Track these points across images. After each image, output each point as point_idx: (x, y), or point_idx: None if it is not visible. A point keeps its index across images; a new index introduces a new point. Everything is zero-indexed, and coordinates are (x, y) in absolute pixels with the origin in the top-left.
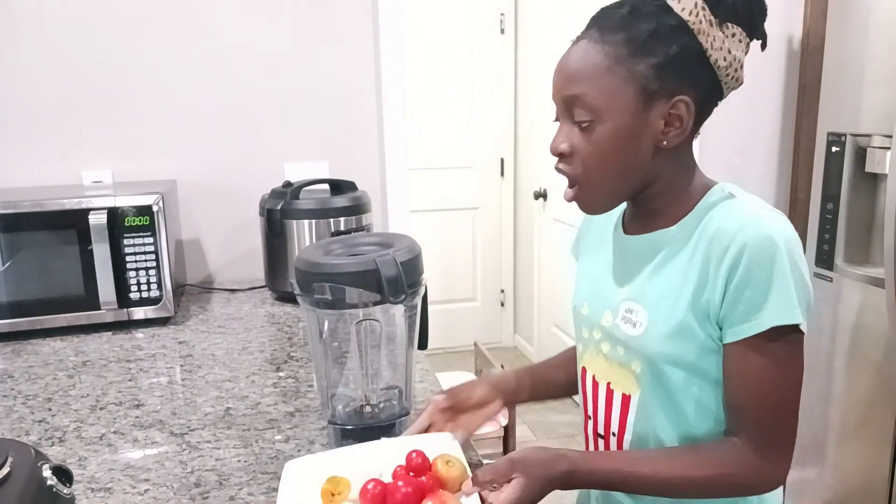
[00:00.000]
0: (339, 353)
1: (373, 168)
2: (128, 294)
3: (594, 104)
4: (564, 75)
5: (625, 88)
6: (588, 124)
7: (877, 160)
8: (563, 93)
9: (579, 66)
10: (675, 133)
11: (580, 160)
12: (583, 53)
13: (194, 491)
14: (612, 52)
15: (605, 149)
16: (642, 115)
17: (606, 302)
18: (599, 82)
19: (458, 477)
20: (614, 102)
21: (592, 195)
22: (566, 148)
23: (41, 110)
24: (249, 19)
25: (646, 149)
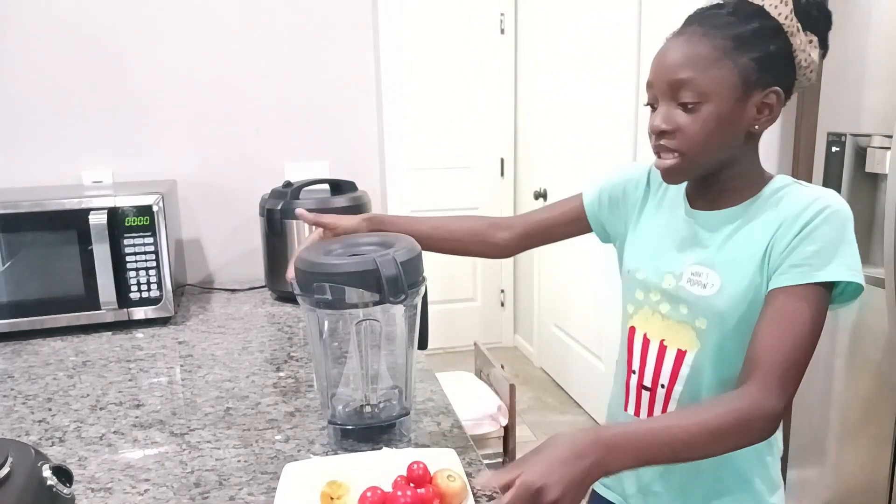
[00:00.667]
0: (339, 353)
1: (373, 168)
2: (128, 294)
3: (702, 87)
4: (673, 61)
5: (730, 77)
6: (694, 105)
7: (877, 160)
8: (672, 77)
9: (689, 54)
10: (766, 119)
11: (683, 136)
12: (691, 44)
13: (194, 491)
14: (720, 45)
15: (709, 127)
16: (742, 102)
17: (668, 267)
18: (708, 69)
19: (458, 492)
20: (720, 88)
21: (687, 167)
22: (667, 126)
23: (41, 110)
24: (250, 20)
25: (739, 132)
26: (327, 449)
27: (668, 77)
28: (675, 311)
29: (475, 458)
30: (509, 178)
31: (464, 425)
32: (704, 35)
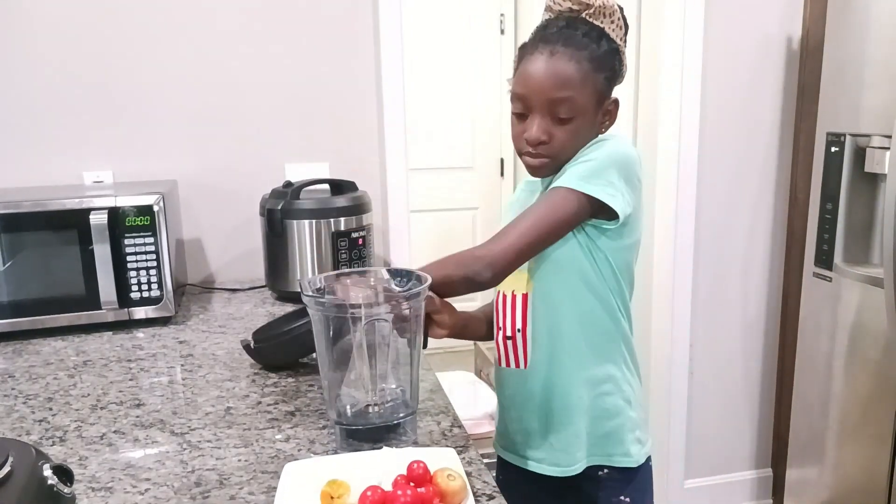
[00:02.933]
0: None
1: (373, 168)
2: (128, 294)
3: (577, 105)
4: (550, 81)
5: (593, 93)
6: (568, 119)
7: (876, 160)
8: (552, 95)
9: (564, 75)
10: (609, 123)
11: (557, 144)
12: (562, 64)
13: (195, 490)
14: (585, 67)
15: (578, 136)
16: (597, 112)
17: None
18: (581, 89)
19: (458, 491)
20: (588, 103)
21: (553, 166)
22: (546, 137)
23: (42, 110)
24: (250, 20)
25: (593, 134)
26: (328, 448)
27: (548, 95)
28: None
29: (475, 458)
30: (509, 178)
31: (464, 425)
32: (571, 57)
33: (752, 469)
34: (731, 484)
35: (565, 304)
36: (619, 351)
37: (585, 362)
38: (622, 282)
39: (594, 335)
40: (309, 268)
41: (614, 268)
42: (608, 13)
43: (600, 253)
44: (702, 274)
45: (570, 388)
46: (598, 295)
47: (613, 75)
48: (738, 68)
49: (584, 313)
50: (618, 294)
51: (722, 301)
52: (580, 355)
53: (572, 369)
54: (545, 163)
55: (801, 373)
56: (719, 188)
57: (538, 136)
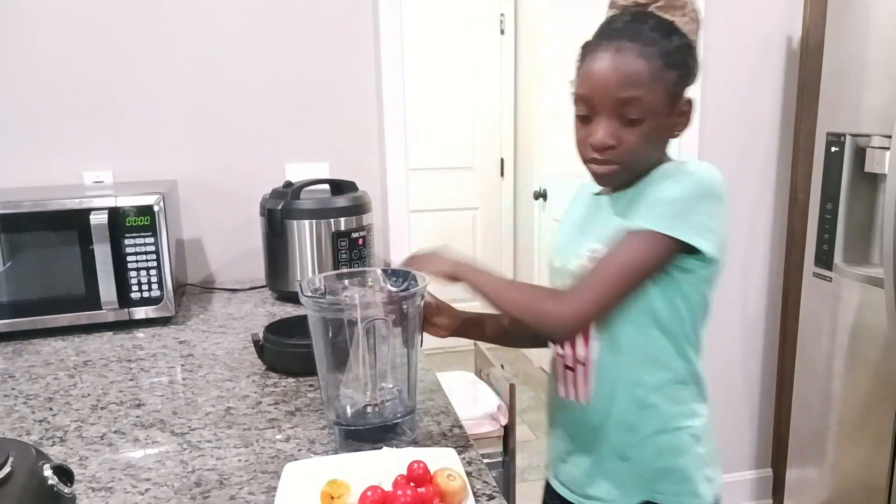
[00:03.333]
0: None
1: (373, 168)
2: (129, 294)
3: (647, 105)
4: (617, 80)
5: (665, 93)
6: (636, 121)
7: (876, 160)
8: (618, 95)
9: (632, 73)
10: (684, 125)
11: (626, 149)
12: (629, 62)
13: (195, 490)
14: (655, 63)
15: (650, 140)
16: (670, 113)
17: (575, 250)
18: (650, 87)
19: (458, 491)
20: (659, 103)
21: (622, 175)
22: (613, 141)
23: (42, 110)
24: (250, 20)
25: (668, 139)
26: (328, 448)
27: (614, 95)
28: None
29: (475, 458)
30: (509, 178)
31: (464, 425)
32: (640, 53)
33: (752, 469)
34: (731, 484)
35: (632, 343)
36: (687, 388)
37: (651, 400)
38: (697, 317)
39: (662, 374)
40: (309, 268)
41: (692, 304)
42: (679, 6)
43: (677, 291)
44: None
45: (634, 425)
46: (670, 334)
47: (687, 73)
48: (738, 68)
49: (652, 353)
50: (691, 330)
51: (722, 301)
52: (646, 394)
53: (637, 407)
54: (614, 170)
55: (801, 373)
56: None
57: (605, 139)
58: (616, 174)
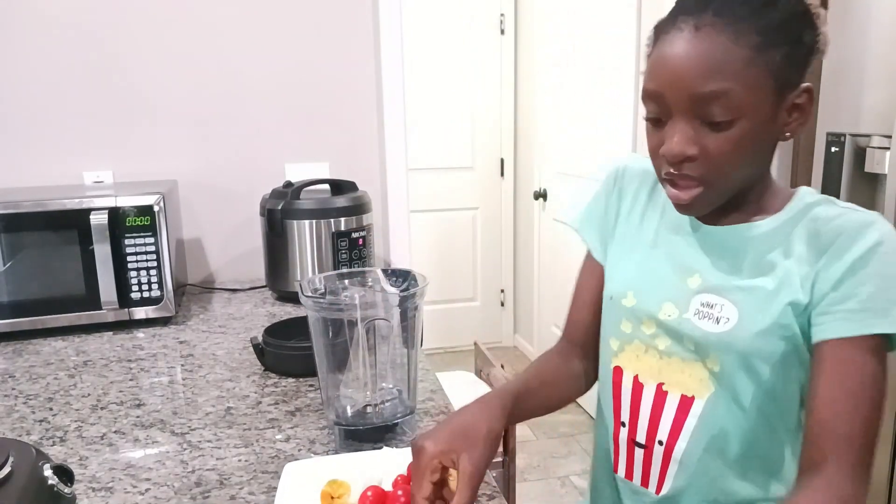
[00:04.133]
0: (343, 354)
1: (373, 168)
2: (129, 294)
3: (738, 101)
4: (695, 68)
5: (765, 81)
6: (726, 123)
7: (876, 160)
8: (697, 89)
9: (716, 58)
10: (798, 123)
11: (712, 161)
12: (712, 46)
13: (195, 490)
14: (749, 42)
15: (744, 147)
16: (776, 108)
17: (668, 293)
18: (744, 77)
19: None
20: (758, 97)
21: (714, 195)
22: (694, 151)
23: (42, 110)
24: (250, 20)
25: (773, 143)
26: (328, 448)
27: (691, 89)
28: (678, 348)
29: None
30: (509, 178)
31: None
32: (728, 29)
33: None
34: None
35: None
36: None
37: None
38: None
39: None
40: (309, 268)
41: None
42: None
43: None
44: None
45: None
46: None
47: (800, 51)
48: None
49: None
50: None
51: None
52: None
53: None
54: (698, 195)
55: None
56: None
57: (681, 149)
58: (702, 201)
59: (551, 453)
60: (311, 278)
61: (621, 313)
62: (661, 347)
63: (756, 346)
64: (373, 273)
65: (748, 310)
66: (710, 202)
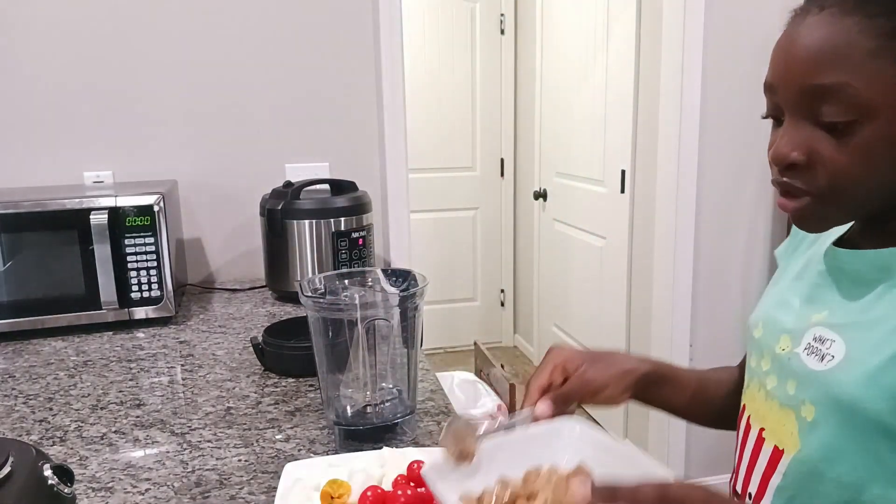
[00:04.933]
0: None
1: (373, 168)
2: (129, 294)
3: (860, 98)
4: (807, 59)
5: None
6: (845, 126)
7: None
8: (808, 80)
9: (832, 46)
10: None
11: (824, 170)
12: (833, 30)
13: (195, 490)
14: (876, 28)
15: (870, 157)
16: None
17: (786, 325)
18: (866, 69)
19: None
20: (888, 95)
21: (830, 213)
22: (801, 156)
23: (43, 110)
24: (251, 20)
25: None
26: (328, 448)
27: (802, 81)
28: (781, 388)
29: None
30: (509, 178)
31: None
32: (851, 13)
33: None
34: None
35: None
36: None
37: None
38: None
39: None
40: (309, 268)
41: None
42: None
43: None
44: (702, 274)
45: None
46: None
47: None
48: (738, 68)
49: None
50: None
51: (722, 301)
52: None
53: None
54: (804, 206)
55: None
56: (719, 188)
57: (785, 152)
58: (813, 216)
59: None
60: (311, 278)
61: (752, 346)
62: (769, 386)
63: (859, 392)
64: (373, 273)
65: (860, 347)
66: (824, 217)
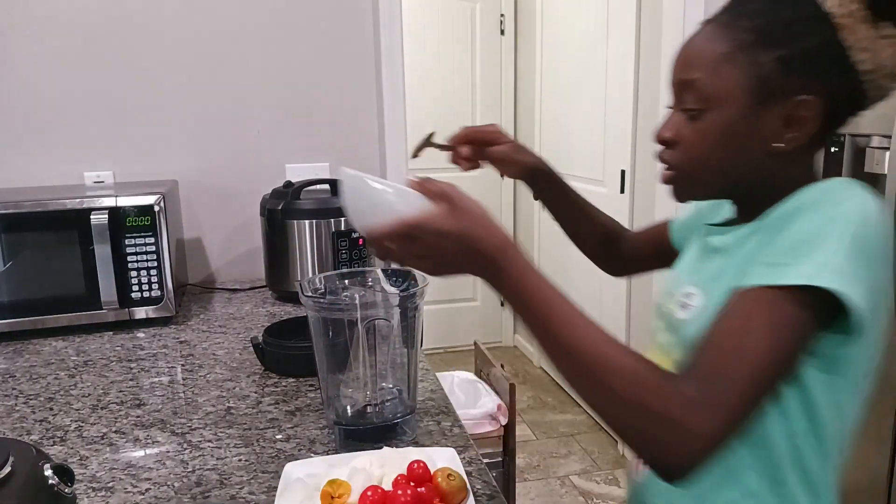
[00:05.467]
0: (343, 354)
1: (373, 169)
2: (129, 294)
3: (707, 91)
4: (682, 59)
5: (742, 78)
6: (696, 113)
7: (876, 160)
8: (678, 77)
9: (698, 49)
10: (793, 136)
11: (681, 148)
12: (705, 37)
13: (195, 490)
14: (735, 38)
15: (709, 141)
16: (757, 111)
17: (672, 286)
18: (715, 69)
19: (458, 491)
20: (728, 92)
21: (688, 184)
22: (669, 136)
23: (43, 110)
24: (251, 20)
25: (755, 148)
26: (328, 448)
27: (676, 76)
28: (663, 337)
29: (475, 458)
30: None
31: (464, 424)
32: (726, 25)
33: None
34: None
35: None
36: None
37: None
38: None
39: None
40: (309, 268)
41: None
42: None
43: (792, 389)
44: None
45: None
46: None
47: (803, 58)
48: None
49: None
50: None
51: None
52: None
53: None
54: (671, 176)
55: None
56: None
57: (661, 131)
58: (676, 183)
59: (551, 453)
60: (311, 278)
61: (652, 310)
62: (658, 340)
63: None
64: (373, 273)
65: (709, 299)
66: (689, 190)
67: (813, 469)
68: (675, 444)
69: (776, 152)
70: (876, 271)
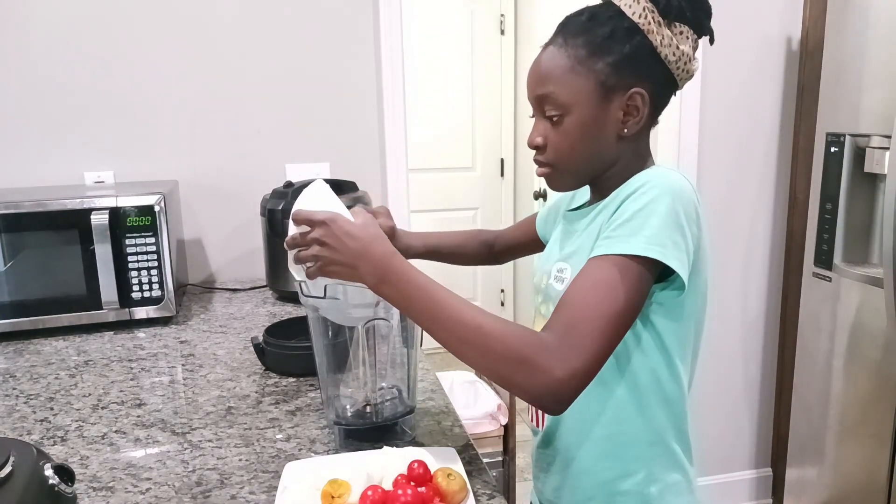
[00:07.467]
0: (343, 354)
1: (373, 168)
2: (130, 294)
3: (561, 100)
4: (535, 77)
5: (586, 84)
6: (557, 118)
7: (875, 160)
8: (535, 92)
9: (547, 68)
10: (633, 122)
11: (552, 149)
12: (549, 56)
13: (196, 490)
14: (573, 54)
15: (572, 138)
16: (603, 107)
17: (545, 265)
18: (564, 81)
19: (458, 490)
20: (578, 97)
21: (562, 177)
22: (541, 141)
23: (44, 111)
24: (251, 20)
25: (608, 136)
26: (328, 448)
27: (533, 92)
28: (546, 309)
29: (475, 457)
30: (509, 178)
31: (464, 424)
32: (562, 45)
33: (751, 469)
34: (730, 483)
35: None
36: (649, 454)
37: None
38: (674, 366)
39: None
40: None
41: (665, 349)
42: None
43: (648, 332)
44: None
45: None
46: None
47: (626, 59)
48: (738, 68)
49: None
50: (669, 381)
51: (722, 301)
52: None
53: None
54: (547, 172)
55: (801, 373)
56: (719, 188)
57: (532, 138)
58: (553, 177)
59: None
60: None
61: (532, 288)
62: (542, 312)
63: None
64: None
65: (577, 267)
66: (563, 181)
67: (669, 393)
68: (545, 384)
69: (623, 137)
70: (691, 232)
